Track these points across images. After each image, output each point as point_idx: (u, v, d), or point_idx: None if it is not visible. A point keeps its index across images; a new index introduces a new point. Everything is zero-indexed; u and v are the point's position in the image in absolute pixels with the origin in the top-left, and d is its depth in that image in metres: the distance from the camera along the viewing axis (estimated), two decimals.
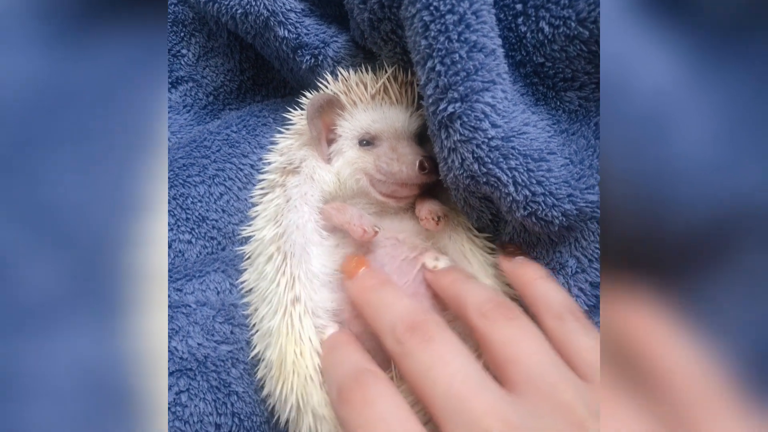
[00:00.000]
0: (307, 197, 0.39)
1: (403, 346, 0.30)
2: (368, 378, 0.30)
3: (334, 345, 0.35)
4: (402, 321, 0.31)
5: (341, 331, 0.36)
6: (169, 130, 0.58)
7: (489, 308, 0.31)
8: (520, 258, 0.36)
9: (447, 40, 0.31)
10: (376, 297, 0.34)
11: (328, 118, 0.41)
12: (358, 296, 0.35)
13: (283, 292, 0.36)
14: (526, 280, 0.35)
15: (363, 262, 0.37)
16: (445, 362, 0.29)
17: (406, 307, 0.32)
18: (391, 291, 0.34)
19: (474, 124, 0.31)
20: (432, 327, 0.31)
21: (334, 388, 0.31)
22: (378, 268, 0.37)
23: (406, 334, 0.30)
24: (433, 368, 0.28)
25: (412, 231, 0.40)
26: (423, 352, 0.29)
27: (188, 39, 0.58)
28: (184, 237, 0.47)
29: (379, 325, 0.33)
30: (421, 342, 0.30)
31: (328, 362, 0.34)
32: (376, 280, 0.35)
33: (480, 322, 0.31)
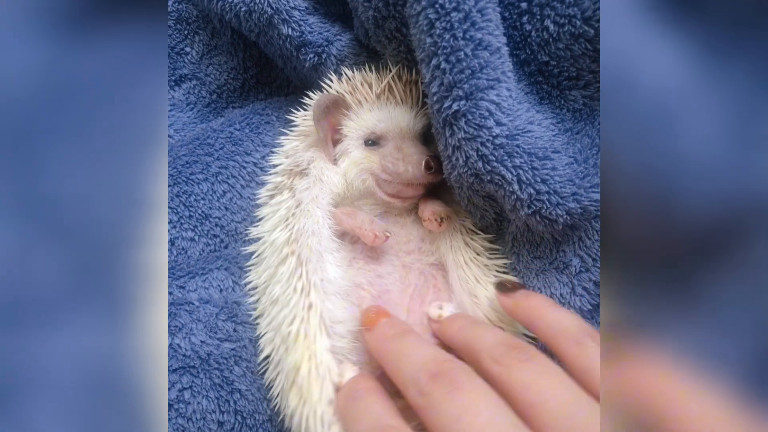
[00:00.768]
0: (318, 200, 0.39)
1: (428, 397, 0.28)
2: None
3: (355, 394, 0.33)
4: (425, 369, 0.29)
5: (362, 377, 0.34)
6: (172, 127, 0.58)
7: (500, 353, 0.29)
8: (521, 291, 0.34)
9: (452, 37, 0.31)
10: (397, 347, 0.32)
11: (333, 118, 0.41)
12: (377, 348, 0.34)
13: (298, 298, 0.36)
14: (533, 311, 0.33)
15: (383, 312, 0.35)
16: (475, 412, 0.26)
17: (429, 355, 0.31)
18: (413, 339, 0.33)
19: (479, 122, 0.31)
20: (458, 374, 0.29)
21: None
22: (399, 318, 0.36)
23: (430, 383, 0.28)
24: (462, 419, 0.26)
25: (419, 237, 0.41)
26: (450, 402, 0.27)
27: (192, 37, 0.58)
28: (187, 234, 0.47)
29: (400, 377, 0.31)
30: (448, 391, 0.28)
31: (347, 413, 0.32)
32: (397, 329, 0.34)
33: (495, 368, 0.29)
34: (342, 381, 0.34)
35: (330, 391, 0.34)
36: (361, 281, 0.38)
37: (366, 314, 0.36)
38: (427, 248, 0.40)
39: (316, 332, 0.35)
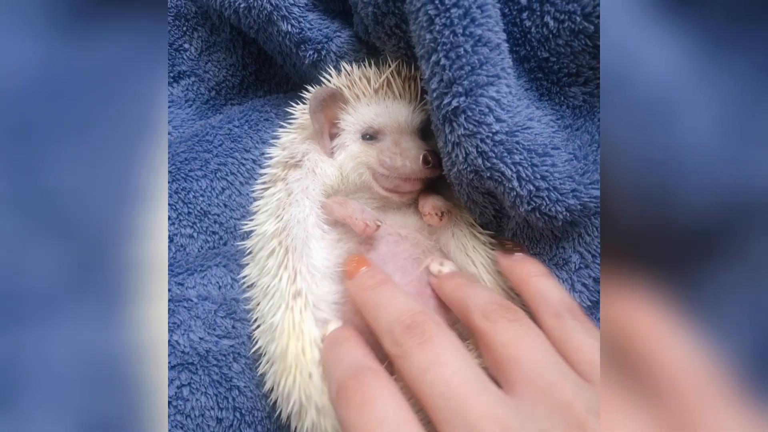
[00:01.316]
0: (308, 191, 0.39)
1: (401, 346, 0.30)
2: (369, 376, 0.29)
3: (336, 341, 0.34)
4: (400, 321, 0.31)
5: (343, 327, 0.36)
6: (171, 124, 0.58)
7: (492, 310, 0.31)
8: (519, 255, 0.36)
9: (452, 34, 0.30)
10: (375, 296, 0.34)
11: (330, 111, 0.41)
12: (357, 295, 0.35)
13: (285, 287, 0.36)
14: (524, 277, 0.34)
15: (364, 261, 0.36)
16: (443, 363, 0.28)
17: (404, 307, 0.32)
18: (391, 290, 0.34)
19: (478, 119, 0.31)
20: (430, 327, 0.30)
21: (333, 385, 0.31)
22: (379, 268, 0.37)
23: (403, 333, 0.30)
24: (431, 369, 0.28)
25: (415, 227, 0.40)
26: (421, 352, 0.29)
27: (191, 33, 0.58)
28: (186, 231, 0.47)
29: (377, 325, 0.32)
30: (419, 342, 0.29)
31: (328, 358, 0.34)
32: (376, 279, 0.35)
33: (482, 323, 0.31)
34: (326, 332, 0.35)
35: (317, 354, 0.35)
36: (351, 246, 0.39)
37: (348, 262, 0.37)
38: (426, 235, 0.40)
39: (302, 315, 0.36)
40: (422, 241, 0.40)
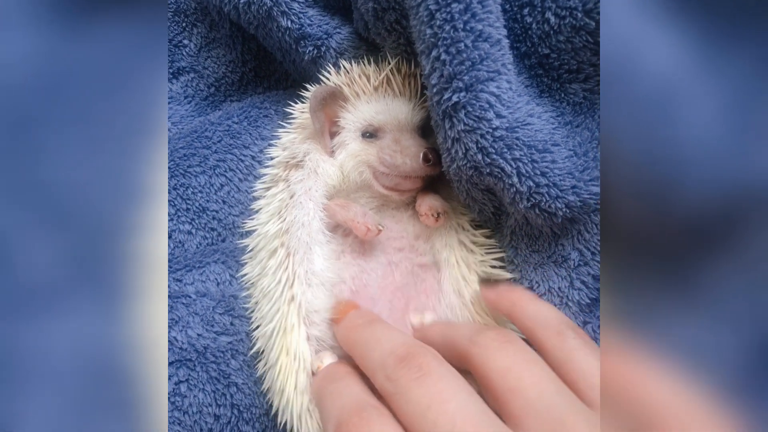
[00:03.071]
0: (311, 193, 0.39)
1: (396, 383, 0.27)
2: (372, 413, 0.27)
3: (333, 376, 0.32)
4: (393, 353, 0.29)
5: (340, 362, 0.34)
6: (170, 120, 0.58)
7: (478, 334, 0.29)
8: (504, 285, 0.35)
9: (452, 29, 0.30)
10: (364, 334, 0.32)
11: (330, 110, 0.41)
12: (345, 337, 0.33)
13: (281, 290, 0.36)
14: (514, 303, 0.33)
15: (352, 305, 0.35)
16: (444, 400, 0.26)
17: (396, 340, 0.30)
18: (381, 326, 0.32)
19: (479, 114, 0.31)
20: (427, 359, 0.28)
21: (332, 421, 0.29)
22: (368, 310, 0.36)
23: (398, 367, 0.28)
24: (432, 407, 0.26)
25: (413, 233, 0.40)
26: (419, 388, 0.27)
27: (190, 29, 0.58)
28: (184, 227, 0.47)
29: (368, 362, 0.30)
30: (417, 377, 0.27)
31: (325, 393, 0.31)
32: (365, 318, 0.33)
33: (472, 350, 0.29)
34: (320, 366, 0.35)
35: (304, 382, 0.34)
36: (345, 275, 0.38)
37: (336, 307, 0.36)
38: (421, 246, 0.40)
39: (294, 325, 0.35)
40: (415, 263, 0.40)
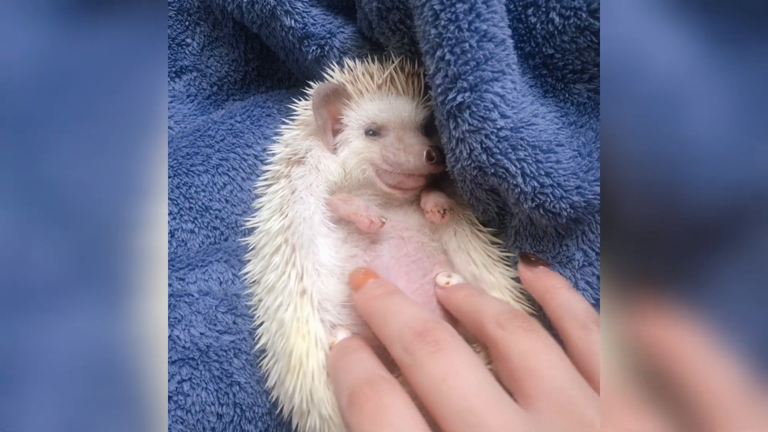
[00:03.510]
0: (312, 188, 0.39)
1: (412, 355, 0.29)
2: (383, 385, 0.28)
3: (346, 349, 0.33)
4: (410, 328, 0.30)
5: (353, 337, 0.35)
6: (173, 119, 0.58)
7: (506, 319, 0.30)
8: (542, 268, 0.35)
9: (457, 29, 0.30)
10: (383, 305, 0.33)
11: (333, 107, 0.41)
12: (364, 306, 0.34)
13: (293, 285, 0.36)
14: (548, 289, 0.34)
15: (371, 273, 0.36)
16: (458, 374, 0.27)
17: (415, 314, 0.31)
18: (400, 298, 0.33)
19: (483, 114, 0.31)
20: (443, 335, 0.29)
21: (344, 393, 0.29)
22: (386, 279, 0.36)
23: (415, 341, 0.29)
24: (446, 380, 0.27)
25: (417, 225, 0.40)
26: (434, 362, 0.28)
27: (193, 28, 0.58)
28: (187, 226, 0.47)
29: (386, 333, 0.31)
30: (432, 351, 0.28)
31: (339, 366, 0.32)
32: (384, 289, 0.34)
33: (498, 333, 0.30)
34: (334, 341, 0.35)
35: (323, 358, 0.35)
36: (356, 251, 0.38)
37: (354, 275, 0.36)
38: (428, 234, 0.40)
39: (309, 315, 0.35)
40: (426, 243, 0.40)
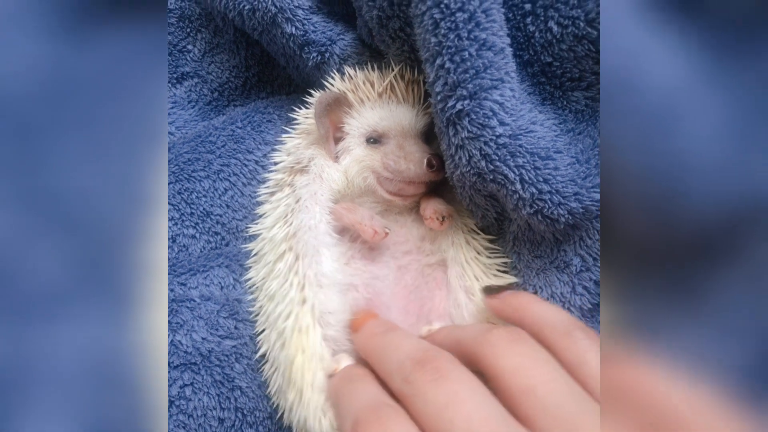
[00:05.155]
0: (317, 197, 0.39)
1: (413, 384, 0.28)
2: (389, 412, 0.28)
3: (351, 377, 0.33)
4: (410, 358, 0.29)
5: (357, 365, 0.35)
6: (174, 125, 0.58)
7: (488, 333, 0.30)
8: (507, 292, 0.35)
9: (457, 37, 0.31)
10: (382, 341, 0.33)
11: (335, 116, 0.41)
12: (364, 345, 0.34)
13: (294, 293, 0.37)
14: (520, 308, 0.33)
15: (370, 314, 0.36)
16: (461, 400, 0.26)
17: (414, 345, 0.31)
18: (399, 333, 0.33)
19: (482, 122, 0.32)
20: (443, 362, 0.29)
21: (348, 420, 0.29)
22: (385, 319, 0.36)
23: (415, 370, 0.28)
24: (448, 407, 0.26)
25: (419, 236, 0.41)
26: (435, 389, 0.27)
27: (194, 35, 0.58)
28: (188, 232, 0.47)
29: (385, 367, 0.31)
30: (433, 379, 0.28)
31: (343, 392, 0.32)
32: (383, 327, 0.34)
33: (482, 350, 0.29)
34: (337, 368, 0.35)
35: (322, 380, 0.35)
36: (356, 282, 0.39)
37: (354, 318, 0.36)
38: (427, 248, 0.41)
39: (309, 325, 0.36)
40: (423, 264, 0.40)
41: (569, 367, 0.28)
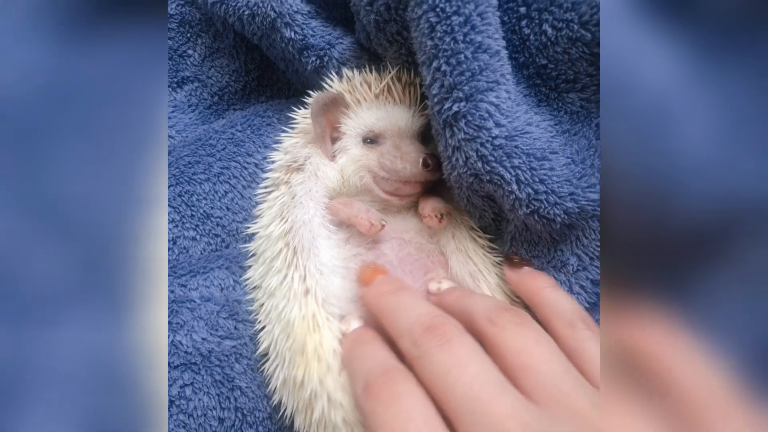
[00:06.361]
0: (311, 193, 0.40)
1: (420, 348, 0.30)
2: (397, 374, 0.30)
3: (360, 340, 0.35)
4: (419, 323, 0.31)
5: (366, 328, 0.36)
6: (174, 129, 0.58)
7: (497, 314, 0.31)
8: (527, 269, 0.36)
9: (453, 41, 0.31)
10: (393, 300, 0.34)
11: (332, 116, 0.41)
12: (374, 301, 0.35)
13: (297, 286, 0.37)
14: (534, 289, 0.35)
15: (379, 269, 0.37)
16: (464, 364, 0.28)
17: (423, 310, 0.32)
18: (408, 295, 0.34)
19: (478, 123, 0.32)
20: (450, 329, 0.30)
21: (360, 381, 0.31)
22: (394, 277, 0.37)
23: (423, 335, 0.30)
24: (452, 370, 0.28)
25: (416, 230, 0.41)
26: (441, 353, 0.29)
27: (194, 40, 0.59)
28: (189, 234, 0.48)
29: (396, 328, 0.32)
30: (439, 343, 0.29)
31: (354, 355, 0.34)
32: (393, 285, 0.35)
33: (489, 329, 0.31)
34: (347, 329, 0.36)
35: (337, 346, 0.35)
36: (359, 250, 0.39)
37: (363, 270, 0.37)
38: (426, 237, 0.41)
39: (315, 311, 0.36)
40: (425, 245, 0.40)
41: (568, 352, 0.30)
